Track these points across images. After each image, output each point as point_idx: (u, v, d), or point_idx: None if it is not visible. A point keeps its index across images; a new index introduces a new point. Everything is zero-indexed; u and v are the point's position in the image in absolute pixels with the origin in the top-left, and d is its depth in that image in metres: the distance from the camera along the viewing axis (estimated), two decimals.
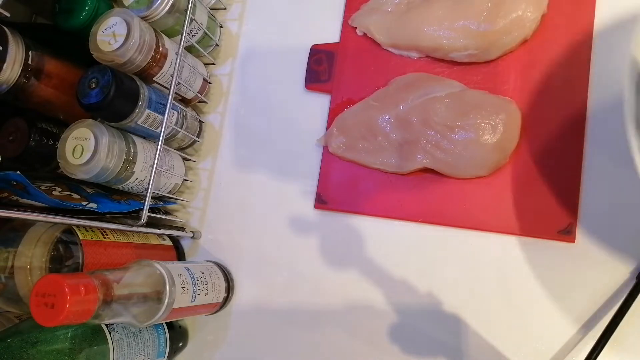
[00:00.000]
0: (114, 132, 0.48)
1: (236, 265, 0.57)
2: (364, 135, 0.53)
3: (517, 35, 0.49)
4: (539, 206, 0.48)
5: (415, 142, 0.51)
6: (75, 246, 0.44)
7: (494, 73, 0.51)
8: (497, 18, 0.49)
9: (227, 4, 0.63)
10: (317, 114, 0.57)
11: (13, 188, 0.43)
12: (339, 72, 0.57)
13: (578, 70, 0.49)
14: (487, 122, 0.48)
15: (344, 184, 0.54)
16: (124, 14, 0.48)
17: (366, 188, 0.53)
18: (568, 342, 0.46)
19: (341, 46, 0.57)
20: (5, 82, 0.44)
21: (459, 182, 0.50)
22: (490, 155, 0.48)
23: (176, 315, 0.45)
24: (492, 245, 0.50)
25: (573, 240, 0.47)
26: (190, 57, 0.57)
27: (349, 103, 0.55)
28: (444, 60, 0.53)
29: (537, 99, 0.50)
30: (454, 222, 0.50)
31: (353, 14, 0.57)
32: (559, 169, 0.48)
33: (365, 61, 0.56)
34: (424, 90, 0.51)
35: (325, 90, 0.57)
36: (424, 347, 0.50)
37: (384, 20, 0.54)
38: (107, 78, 0.46)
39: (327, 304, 0.53)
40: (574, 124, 0.49)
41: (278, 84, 0.59)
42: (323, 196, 0.54)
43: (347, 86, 0.56)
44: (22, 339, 0.40)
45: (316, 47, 0.58)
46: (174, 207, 0.60)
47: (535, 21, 0.49)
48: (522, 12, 0.49)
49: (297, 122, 0.58)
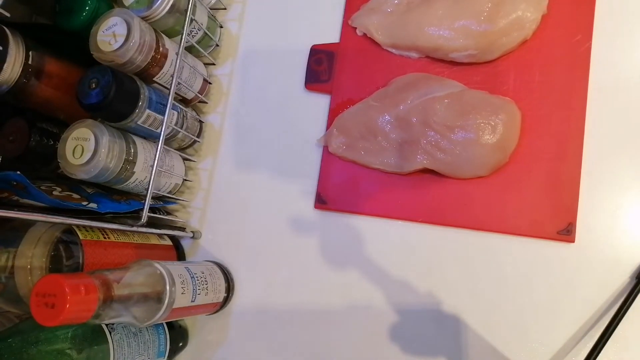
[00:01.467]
0: (114, 132, 0.48)
1: (236, 265, 0.57)
2: (363, 135, 0.53)
3: (517, 36, 0.49)
4: (539, 206, 0.48)
5: (415, 142, 0.51)
6: (75, 246, 0.44)
7: (494, 73, 0.51)
8: (497, 18, 0.49)
9: (227, 4, 0.63)
10: (317, 114, 0.57)
11: (13, 188, 0.43)
12: (339, 72, 0.57)
13: (578, 70, 0.49)
14: (487, 122, 0.48)
15: (344, 184, 0.54)
16: (124, 14, 0.48)
17: (366, 188, 0.53)
18: (568, 342, 0.46)
19: (341, 46, 0.57)
20: (5, 82, 0.44)
21: (459, 182, 0.50)
22: (490, 156, 0.48)
23: (176, 315, 0.45)
24: (492, 245, 0.50)
25: (573, 240, 0.47)
26: (190, 57, 0.57)
27: (349, 103, 0.55)
28: (444, 61, 0.53)
29: (537, 99, 0.50)
30: (454, 222, 0.50)
31: (353, 14, 0.57)
32: (559, 169, 0.48)
33: (365, 61, 0.56)
34: (424, 90, 0.51)
35: (326, 90, 0.57)
36: (424, 347, 0.50)
37: (383, 21, 0.54)
38: (108, 78, 0.46)
39: (327, 304, 0.53)
40: (574, 124, 0.49)
41: (278, 84, 0.60)
42: (323, 196, 0.54)
43: (347, 86, 0.56)
44: (22, 338, 0.40)
45: (316, 47, 0.58)
46: (174, 207, 0.60)
47: (535, 21, 0.49)
48: (522, 12, 0.49)
49: (297, 122, 0.58)
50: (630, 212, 0.47)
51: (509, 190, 0.49)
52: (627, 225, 0.47)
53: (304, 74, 0.58)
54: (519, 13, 0.49)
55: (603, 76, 0.49)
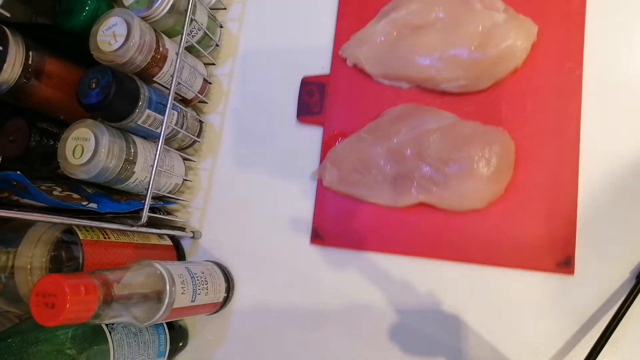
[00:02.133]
0: (114, 132, 0.48)
1: (236, 265, 0.57)
2: (357, 168, 0.52)
3: (508, 65, 0.49)
4: (537, 238, 0.47)
5: (409, 176, 0.50)
6: (75, 246, 0.44)
7: (485, 103, 0.50)
8: (487, 48, 0.48)
9: (227, 4, 0.63)
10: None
11: (13, 188, 0.43)
12: (331, 103, 0.55)
13: (570, 98, 0.48)
14: (481, 155, 0.47)
15: (339, 218, 0.53)
16: (124, 14, 0.48)
17: (361, 222, 0.52)
18: (568, 342, 0.46)
19: (332, 77, 0.56)
20: (5, 82, 0.44)
21: (456, 215, 0.49)
22: (486, 189, 0.48)
23: (176, 315, 0.45)
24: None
25: (572, 272, 0.46)
26: (190, 57, 0.57)
27: (342, 135, 0.54)
28: (435, 91, 0.52)
29: (531, 128, 0.49)
30: (451, 256, 0.49)
31: (343, 44, 0.56)
32: (555, 199, 0.47)
33: (356, 92, 0.55)
34: (417, 122, 0.51)
35: (318, 122, 0.56)
36: (424, 347, 0.50)
37: (373, 51, 0.53)
38: (108, 78, 0.46)
39: (327, 304, 0.53)
40: (568, 153, 0.48)
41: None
42: (319, 230, 0.53)
43: (339, 118, 0.55)
44: (22, 338, 0.40)
45: (307, 79, 0.57)
46: (174, 207, 0.60)
47: (525, 50, 0.49)
48: (512, 41, 0.48)
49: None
50: (628, 243, 0.46)
51: (505, 222, 0.48)
52: (625, 253, 0.46)
53: (296, 106, 0.57)
54: (509, 42, 0.48)
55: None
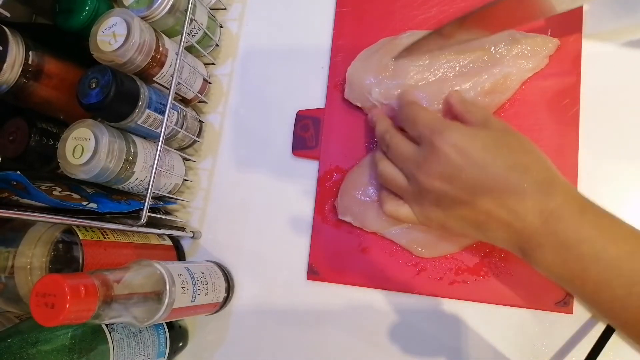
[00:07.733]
0: (114, 132, 0.48)
1: (236, 265, 0.57)
2: (363, 199, 0.50)
3: (499, 97, 0.48)
4: (535, 277, 0.46)
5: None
6: (75, 246, 0.44)
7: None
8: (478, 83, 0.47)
9: (227, 4, 0.63)
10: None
11: (13, 188, 0.43)
12: (326, 138, 0.55)
13: (567, 134, 0.48)
14: None
15: (335, 254, 0.53)
16: (124, 14, 0.48)
17: (361, 257, 0.52)
18: (568, 342, 0.46)
19: (327, 111, 0.55)
20: (5, 82, 0.44)
21: (454, 253, 0.49)
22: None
23: (176, 315, 0.45)
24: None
25: (571, 311, 0.46)
26: (190, 57, 0.57)
27: (337, 171, 0.54)
28: None
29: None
30: (448, 294, 0.49)
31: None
32: None
33: (351, 126, 0.54)
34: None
35: (313, 156, 0.55)
36: (424, 347, 0.50)
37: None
38: (107, 78, 0.46)
39: (327, 304, 0.53)
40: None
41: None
42: (315, 267, 0.53)
43: (334, 152, 0.54)
44: (22, 339, 0.40)
45: (302, 113, 0.57)
46: (174, 207, 0.60)
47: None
48: (508, 70, 0.47)
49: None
50: None
51: (504, 261, 0.48)
52: None
53: (291, 140, 0.57)
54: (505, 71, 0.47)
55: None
